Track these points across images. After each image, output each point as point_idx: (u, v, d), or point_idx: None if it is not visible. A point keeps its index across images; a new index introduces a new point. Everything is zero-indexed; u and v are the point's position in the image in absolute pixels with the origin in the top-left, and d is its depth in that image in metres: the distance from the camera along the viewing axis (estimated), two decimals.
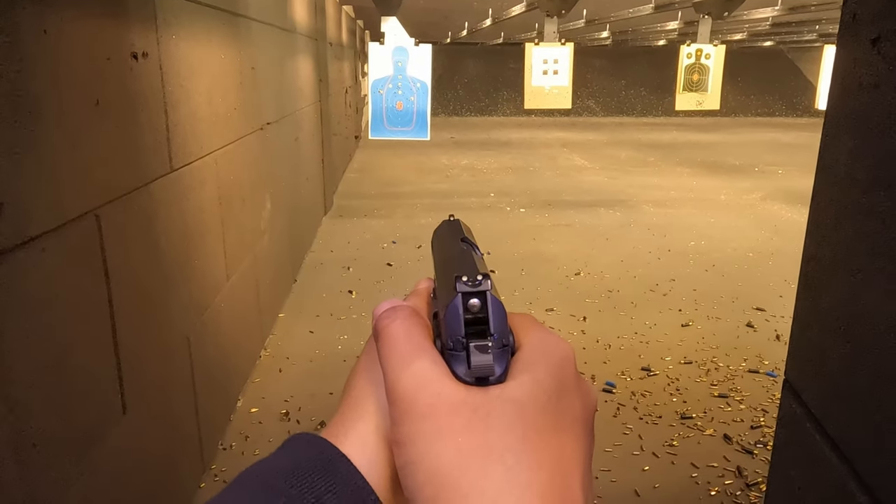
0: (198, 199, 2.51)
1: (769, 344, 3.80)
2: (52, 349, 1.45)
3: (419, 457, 0.32)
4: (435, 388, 0.33)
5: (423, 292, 0.44)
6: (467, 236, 0.47)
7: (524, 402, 0.32)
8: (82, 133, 1.61)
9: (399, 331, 0.36)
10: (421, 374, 0.33)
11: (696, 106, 5.80)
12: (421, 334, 0.36)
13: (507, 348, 0.34)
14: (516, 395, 0.32)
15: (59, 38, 1.50)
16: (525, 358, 0.35)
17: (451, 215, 0.53)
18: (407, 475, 0.32)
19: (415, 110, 4.39)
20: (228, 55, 3.00)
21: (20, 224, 1.34)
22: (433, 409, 0.32)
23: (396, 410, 0.33)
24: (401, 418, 0.33)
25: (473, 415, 0.32)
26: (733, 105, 19.12)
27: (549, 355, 0.35)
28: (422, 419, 0.32)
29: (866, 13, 0.87)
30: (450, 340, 0.34)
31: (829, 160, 0.99)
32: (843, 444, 0.97)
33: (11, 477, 1.28)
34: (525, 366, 0.34)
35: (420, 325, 0.37)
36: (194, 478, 2.49)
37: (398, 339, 0.36)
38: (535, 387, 0.33)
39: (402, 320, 0.37)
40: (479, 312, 0.34)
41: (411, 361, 0.34)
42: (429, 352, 0.35)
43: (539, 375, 0.34)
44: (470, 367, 0.33)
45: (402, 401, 0.33)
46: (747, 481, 2.57)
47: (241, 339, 3.25)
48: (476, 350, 0.33)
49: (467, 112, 19.70)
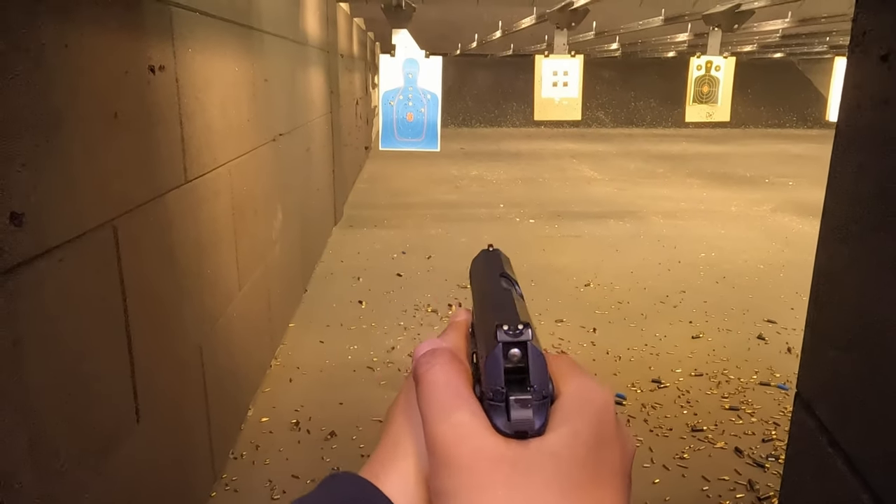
0: (211, 209, 2.54)
1: (780, 356, 3.78)
2: (69, 358, 1.47)
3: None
4: (475, 441, 0.33)
5: (461, 326, 0.44)
6: (507, 270, 0.47)
7: (564, 455, 0.32)
8: (100, 145, 1.64)
9: (439, 378, 0.36)
10: (461, 426, 0.33)
11: (705, 117, 5.81)
12: (461, 381, 0.36)
13: (546, 400, 0.34)
14: (556, 448, 0.32)
15: (79, 52, 1.54)
16: (564, 408, 0.35)
17: (489, 245, 0.52)
18: None
19: (425, 121, 4.42)
20: (242, 67, 3.04)
21: (39, 234, 1.36)
22: (473, 463, 0.32)
23: (436, 461, 0.33)
24: (440, 469, 0.33)
25: (513, 469, 0.32)
26: (743, 116, 19.07)
27: (589, 405, 0.35)
28: (461, 472, 0.32)
29: (876, 30, 0.88)
30: (490, 391, 0.34)
31: (840, 174, 1.00)
32: (855, 457, 0.97)
33: (28, 483, 1.30)
34: (564, 417, 0.34)
35: (460, 370, 0.37)
36: (205, 487, 2.50)
37: (438, 387, 0.36)
38: (574, 440, 0.33)
39: (441, 366, 0.37)
40: (519, 363, 0.34)
41: (451, 412, 0.34)
42: (468, 402, 0.35)
43: (578, 427, 0.33)
44: (510, 421, 0.33)
45: (442, 452, 0.33)
46: (759, 495, 2.55)
47: (252, 349, 3.27)
48: (516, 404, 0.33)
49: (477, 123, 19.76)
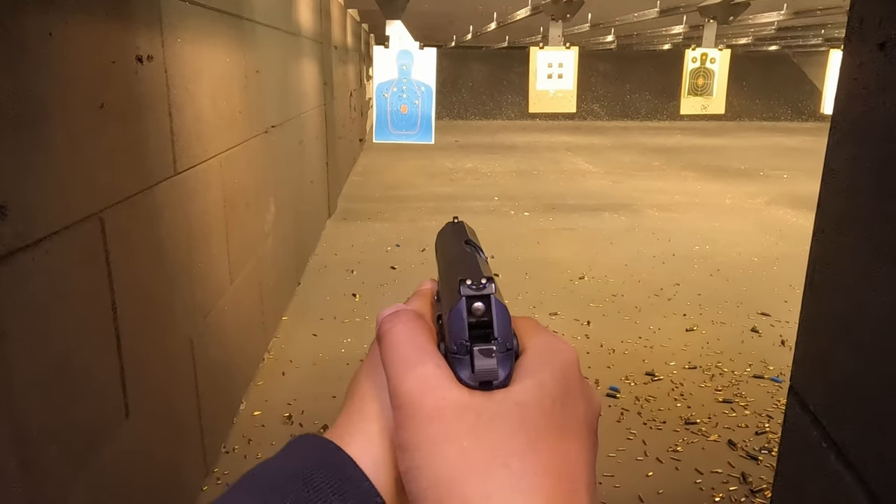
0: (202, 202, 2.52)
1: (774, 349, 3.79)
2: (56, 351, 1.45)
3: (423, 461, 0.31)
4: (439, 392, 0.32)
5: (426, 294, 0.43)
6: (471, 238, 0.46)
7: (528, 406, 0.32)
8: (87, 135, 1.61)
9: (402, 334, 0.36)
10: (424, 379, 0.33)
11: (700, 110, 5.80)
12: (424, 338, 0.36)
13: (510, 352, 0.34)
14: (520, 399, 0.32)
15: (64, 41, 1.51)
16: (529, 362, 0.34)
17: (454, 217, 0.52)
18: (411, 480, 0.32)
19: (419, 114, 4.39)
20: (233, 58, 3.00)
21: (24, 226, 1.34)
22: (437, 414, 0.32)
23: (400, 415, 0.33)
24: (404, 423, 0.33)
25: (478, 419, 0.31)
26: (738, 109, 19.09)
27: (554, 359, 0.35)
28: (426, 424, 0.32)
29: (873, 18, 0.87)
30: (454, 344, 0.34)
31: (835, 165, 0.99)
32: (848, 450, 0.96)
33: (14, 478, 1.28)
34: (529, 370, 0.34)
35: (423, 328, 0.37)
36: (197, 481, 2.49)
37: (401, 343, 0.35)
38: (539, 391, 0.33)
39: (405, 324, 0.37)
40: (482, 316, 0.33)
41: (415, 365, 0.34)
42: (432, 355, 0.34)
43: (543, 379, 0.33)
44: (474, 372, 0.33)
45: (406, 405, 0.33)
46: (752, 487, 2.55)
47: (245, 342, 3.25)
48: (480, 354, 0.33)
49: (472, 116, 19.72)
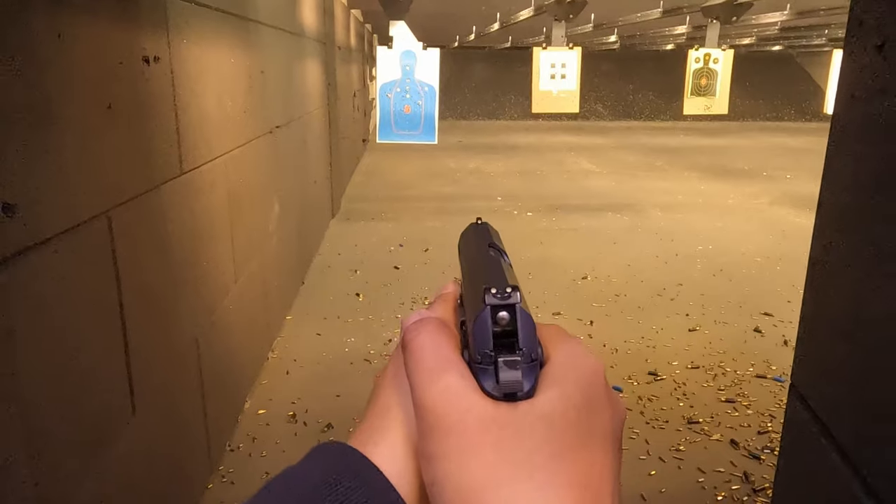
0: (207, 201, 2.53)
1: (777, 349, 3.79)
2: (64, 350, 1.47)
3: (448, 473, 0.31)
4: (463, 403, 0.32)
5: (449, 298, 0.43)
6: (495, 241, 0.46)
7: (553, 418, 0.32)
8: (94, 136, 1.63)
9: (426, 343, 0.35)
10: (449, 390, 0.33)
11: (704, 110, 5.80)
12: (449, 346, 0.35)
13: (535, 363, 0.33)
14: (546, 410, 0.32)
15: (72, 43, 1.52)
16: (554, 372, 0.34)
17: (478, 218, 0.51)
18: (435, 491, 0.32)
19: (422, 114, 4.40)
20: (238, 59, 3.02)
21: (33, 226, 1.35)
22: (462, 426, 0.31)
23: (424, 425, 0.33)
24: (429, 433, 0.32)
25: (502, 431, 0.31)
26: (741, 109, 19.05)
27: (579, 369, 0.34)
28: (450, 435, 0.32)
29: (872, 19, 0.88)
30: (478, 354, 0.33)
31: (836, 165, 1.00)
32: (849, 449, 0.97)
33: (23, 476, 1.30)
34: (554, 380, 0.33)
35: (448, 336, 0.36)
36: (202, 479, 2.50)
37: (426, 352, 0.35)
38: (564, 402, 0.32)
39: (429, 332, 0.36)
40: (507, 326, 0.33)
41: (439, 376, 0.33)
42: (457, 365, 0.34)
43: (568, 390, 0.33)
44: (499, 383, 0.32)
45: (430, 416, 0.32)
46: (754, 486, 2.56)
47: (249, 341, 3.27)
48: (505, 365, 0.32)
49: (475, 116, 19.72)
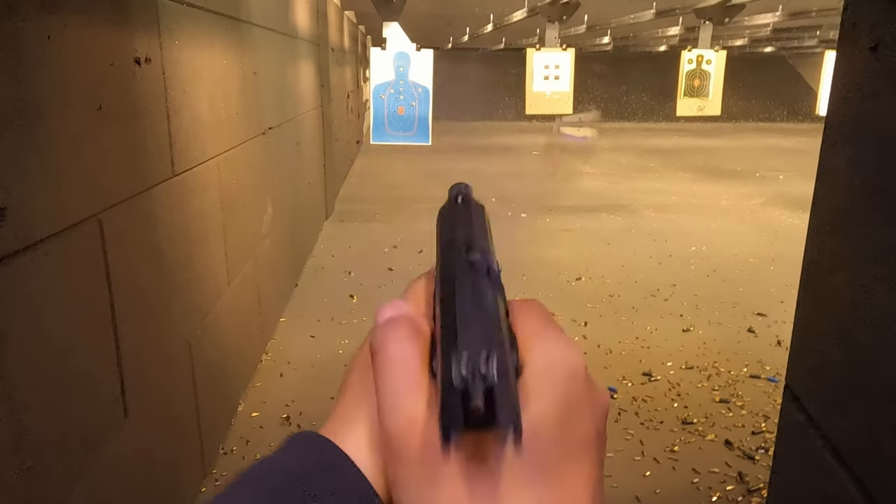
0: (200, 203, 2.52)
1: (770, 349, 3.80)
2: (55, 353, 1.45)
3: (412, 500, 0.30)
4: (428, 435, 0.30)
5: (422, 289, 0.40)
6: (478, 239, 0.40)
7: (526, 442, 0.29)
8: (85, 138, 1.62)
9: (395, 357, 0.33)
10: (414, 419, 0.31)
11: (697, 111, 5.82)
12: (416, 361, 0.33)
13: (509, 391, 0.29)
14: None
15: (62, 44, 1.51)
16: (528, 386, 0.31)
17: (458, 192, 0.43)
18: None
19: (416, 115, 4.40)
20: (230, 60, 3.01)
21: (23, 228, 1.34)
22: (426, 456, 0.30)
23: (388, 450, 0.32)
24: (392, 459, 0.31)
25: (469, 462, 0.29)
26: (734, 110, 19.12)
27: (556, 378, 0.31)
28: (412, 465, 0.30)
29: (865, 21, 0.88)
30: (445, 394, 0.28)
31: (829, 166, 1.00)
32: (843, 449, 0.97)
33: (13, 479, 1.29)
34: (527, 399, 0.30)
35: (418, 346, 0.34)
36: (195, 482, 2.49)
37: (393, 367, 0.33)
38: (538, 422, 0.30)
39: (399, 343, 0.34)
40: (482, 411, 0.27)
41: (406, 402, 0.31)
42: (423, 390, 0.32)
43: (543, 407, 0.30)
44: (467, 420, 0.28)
45: (394, 444, 0.31)
46: (749, 487, 2.56)
47: (243, 344, 3.26)
48: None
49: (469, 117, 19.72)
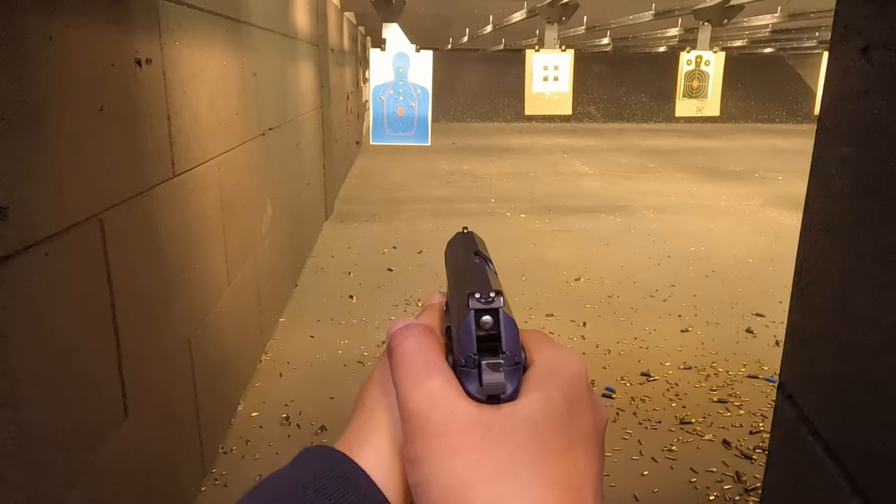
0: (200, 203, 2.53)
1: (768, 349, 3.81)
2: (56, 352, 1.46)
3: (432, 475, 0.32)
4: (447, 406, 0.33)
5: (436, 307, 0.44)
6: (481, 250, 0.46)
7: (537, 419, 0.32)
8: (86, 138, 1.63)
9: (412, 348, 0.36)
10: (433, 392, 0.33)
11: (696, 112, 5.83)
12: (434, 351, 0.36)
13: (518, 366, 0.34)
14: (528, 412, 0.32)
15: (63, 45, 1.52)
16: (537, 375, 0.35)
17: (464, 228, 0.52)
18: (420, 493, 0.32)
19: (416, 116, 4.41)
20: (230, 61, 3.02)
21: (25, 228, 1.35)
22: (446, 428, 0.32)
23: (409, 428, 0.33)
24: (413, 436, 0.33)
25: (486, 433, 0.32)
26: (733, 111, 19.15)
27: (562, 372, 0.35)
28: (434, 437, 0.32)
29: (856, 23, 0.89)
30: (462, 357, 0.34)
31: (822, 167, 1.01)
32: (836, 446, 0.98)
33: (14, 478, 1.29)
34: (537, 383, 0.34)
35: (433, 342, 0.37)
36: (195, 481, 2.50)
37: (411, 357, 0.36)
38: (547, 404, 0.33)
39: (414, 338, 0.37)
40: (491, 329, 0.34)
41: (424, 380, 0.34)
42: (441, 369, 0.35)
43: (551, 392, 0.33)
44: (482, 385, 0.33)
45: (415, 418, 0.33)
46: (746, 486, 2.57)
47: (242, 344, 3.27)
48: (488, 368, 0.33)
49: (468, 118, 19.74)
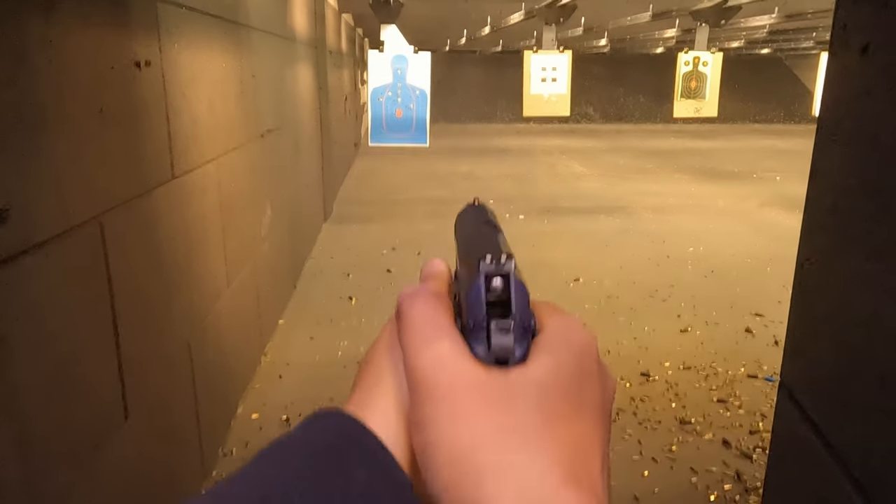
0: (199, 205, 2.53)
1: (768, 349, 3.81)
2: (56, 354, 1.46)
3: (438, 438, 0.31)
4: (455, 368, 0.32)
5: (442, 275, 0.42)
6: (491, 219, 0.45)
7: (545, 384, 0.32)
8: (86, 141, 1.63)
9: (420, 311, 0.36)
10: (441, 355, 0.33)
11: (693, 113, 5.84)
12: (442, 316, 0.36)
13: (528, 330, 0.33)
14: (537, 376, 0.32)
15: (63, 48, 1.53)
16: (546, 340, 0.34)
17: (475, 199, 0.51)
18: (426, 456, 0.31)
19: (414, 117, 4.41)
20: (229, 63, 3.02)
21: (25, 230, 1.35)
22: (453, 391, 0.31)
23: (415, 391, 0.33)
24: (420, 399, 0.32)
25: (494, 396, 0.31)
26: (731, 112, 19.16)
27: (571, 339, 0.34)
28: (441, 400, 0.31)
29: (856, 22, 0.89)
30: (471, 321, 0.33)
31: (821, 166, 1.01)
32: (837, 445, 0.98)
33: (14, 481, 1.29)
34: (546, 348, 0.33)
35: (442, 306, 0.36)
36: (195, 484, 2.49)
37: (419, 320, 0.35)
38: (556, 370, 0.32)
39: (423, 301, 0.36)
40: (501, 294, 0.33)
41: (431, 342, 0.33)
42: (449, 332, 0.34)
43: (561, 358, 0.33)
44: (490, 348, 0.32)
45: (422, 381, 0.32)
46: (746, 486, 2.58)
47: (242, 346, 3.26)
48: (497, 331, 0.32)
49: (466, 119, 19.75)
